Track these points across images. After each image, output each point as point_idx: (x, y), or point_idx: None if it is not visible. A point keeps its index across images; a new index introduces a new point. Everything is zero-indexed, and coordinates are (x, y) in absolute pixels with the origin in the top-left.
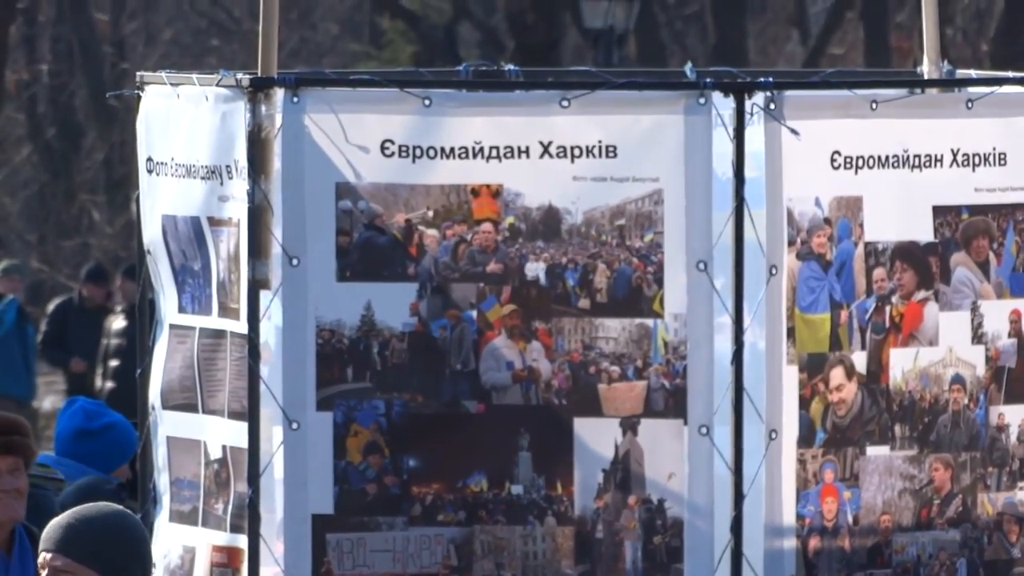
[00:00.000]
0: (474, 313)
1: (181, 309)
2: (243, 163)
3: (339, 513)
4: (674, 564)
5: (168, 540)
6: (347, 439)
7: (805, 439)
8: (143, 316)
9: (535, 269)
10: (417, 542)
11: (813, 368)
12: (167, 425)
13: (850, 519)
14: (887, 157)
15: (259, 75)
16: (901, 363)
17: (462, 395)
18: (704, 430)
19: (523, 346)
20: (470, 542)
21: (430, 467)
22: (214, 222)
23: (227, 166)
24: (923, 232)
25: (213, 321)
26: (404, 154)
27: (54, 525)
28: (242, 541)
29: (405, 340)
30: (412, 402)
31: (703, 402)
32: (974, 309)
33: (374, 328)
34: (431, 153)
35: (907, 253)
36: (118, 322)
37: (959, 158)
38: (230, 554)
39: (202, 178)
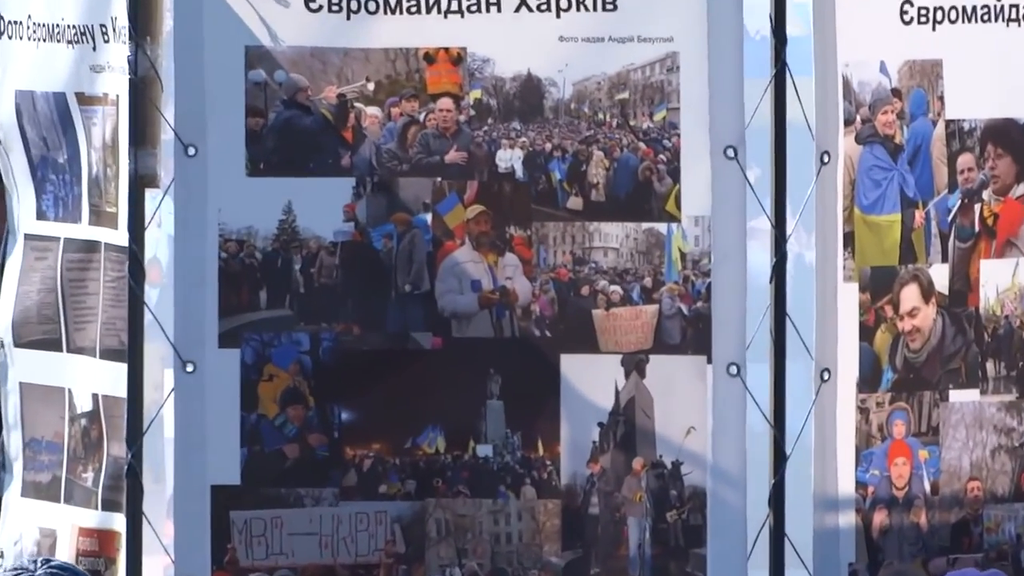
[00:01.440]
0: (428, 217)
1: (40, 215)
2: (123, 21)
3: (248, 484)
4: (693, 549)
5: (20, 520)
6: (259, 385)
7: (868, 381)
8: None
9: (509, 158)
10: (352, 522)
11: (878, 287)
12: (20, 367)
13: (927, 487)
14: (975, 8)
15: None
16: (995, 279)
17: (412, 325)
18: (734, 370)
19: (494, 260)
20: (422, 521)
21: (369, 422)
22: (84, 99)
23: (102, 25)
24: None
25: (83, 230)
26: (335, 7)
27: None
28: (118, 522)
29: (337, 253)
30: (346, 335)
31: (732, 333)
32: None
33: (296, 238)
34: (371, 6)
35: (1002, 134)
36: None
37: None
38: (101, 539)
39: (68, 42)
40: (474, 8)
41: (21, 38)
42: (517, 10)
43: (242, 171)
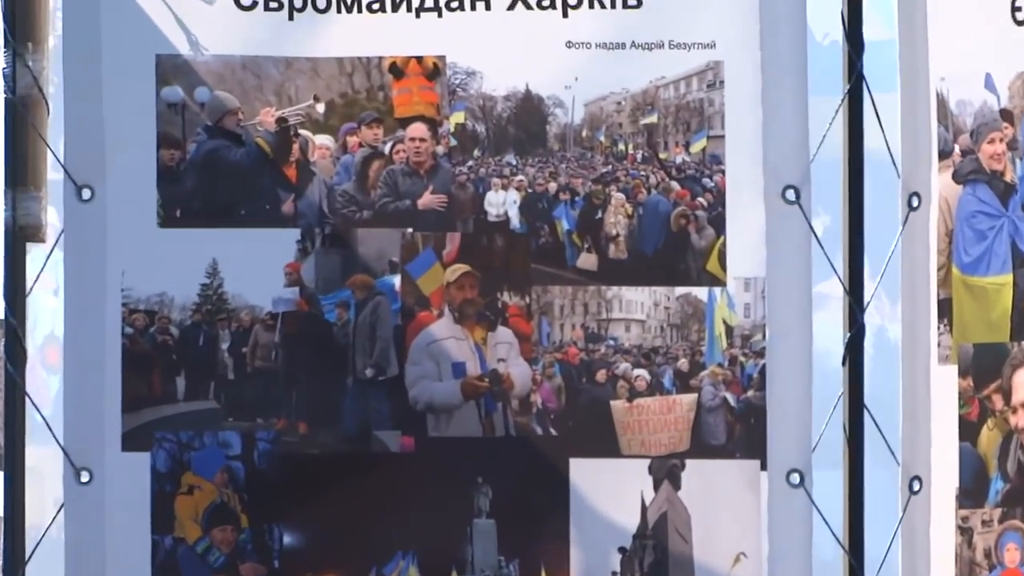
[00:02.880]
0: (396, 280)
1: None
2: None
3: None
4: None
5: None
6: (176, 500)
7: (971, 493)
8: None
9: (502, 202)
10: None
11: (983, 370)
12: None
13: None
14: None
15: None
16: None
17: (376, 422)
18: (796, 478)
19: (482, 336)
20: None
21: (320, 547)
22: None
23: None
24: None
25: None
26: (274, 5)
27: None
28: None
29: (277, 328)
30: (289, 435)
31: (794, 430)
32: None
33: (223, 308)
34: (320, 3)
35: None
36: None
37: None
38: None
39: None
40: (455, 5)
41: None
42: (511, 7)
43: (153, 220)
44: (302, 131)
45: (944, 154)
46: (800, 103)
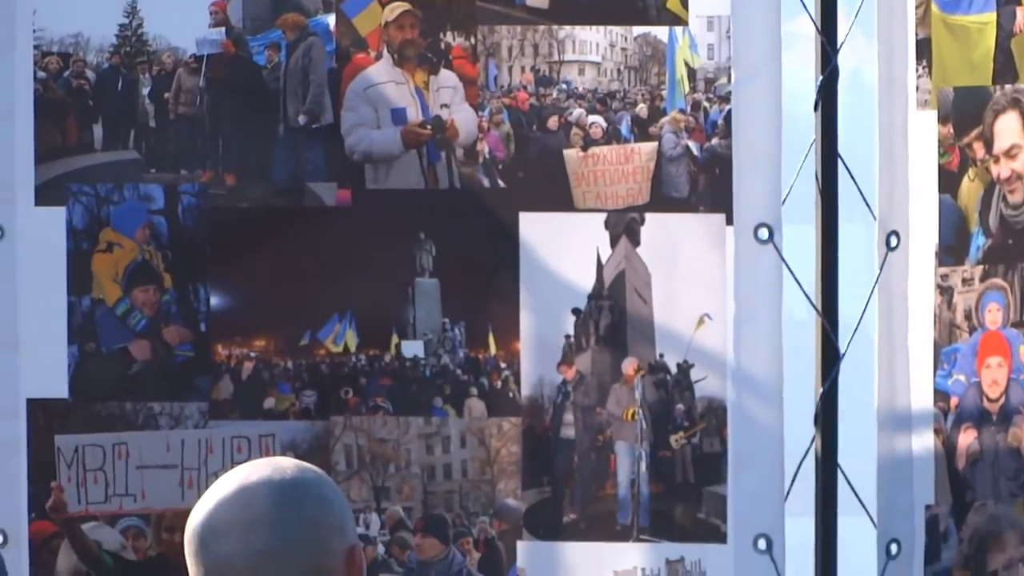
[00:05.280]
0: (331, 19)
1: None
2: None
3: (79, 398)
4: (708, 486)
5: None
6: (93, 258)
7: (951, 249)
8: None
9: None
10: (225, 449)
11: (964, 116)
12: None
13: None
14: None
15: None
16: None
17: (309, 173)
18: (764, 233)
19: (423, 80)
20: (325, 448)
21: (250, 309)
22: None
23: None
24: None
25: None
26: None
27: None
28: None
29: (202, 72)
30: (216, 188)
31: (762, 182)
32: None
33: (144, 49)
34: None
35: None
36: None
37: None
38: None
39: None
40: None
41: None
42: None
43: None
44: None
45: None
46: None
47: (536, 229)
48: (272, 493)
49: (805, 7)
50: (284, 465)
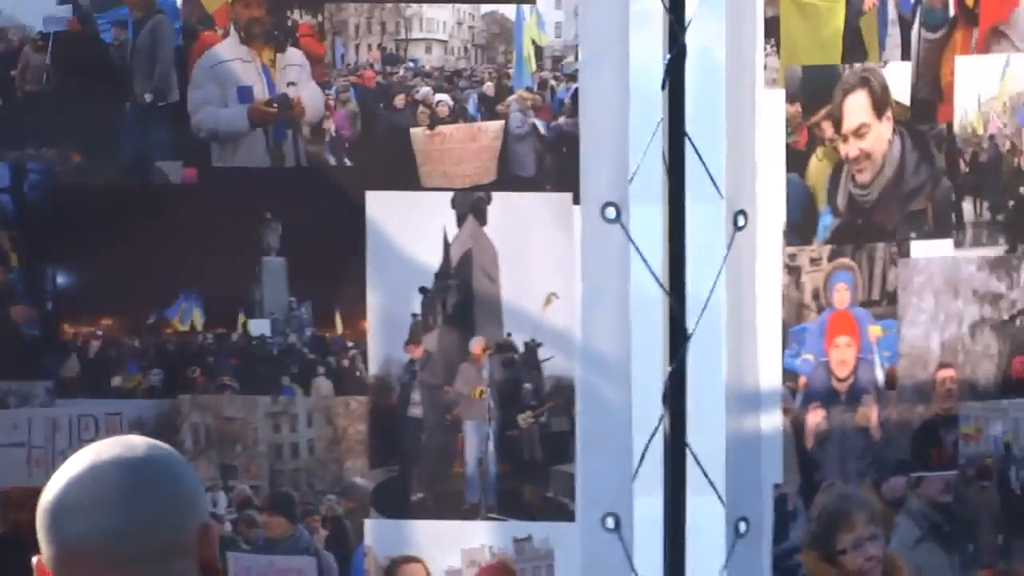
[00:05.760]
0: None
1: None
2: None
3: None
4: (556, 465)
5: None
6: None
7: (798, 229)
8: None
9: None
10: (73, 428)
11: (813, 95)
12: None
13: (880, 377)
14: None
15: None
16: (976, 84)
17: (156, 151)
18: (612, 212)
19: (270, 58)
20: (172, 426)
21: (96, 287)
22: None
23: None
24: None
25: None
26: None
27: None
28: None
29: (49, 50)
30: (62, 165)
31: (609, 160)
32: None
33: None
34: None
35: None
36: None
37: None
38: None
39: None
40: None
41: None
42: None
43: None
44: None
45: None
46: None
47: (383, 208)
48: (123, 471)
49: None
50: (135, 443)
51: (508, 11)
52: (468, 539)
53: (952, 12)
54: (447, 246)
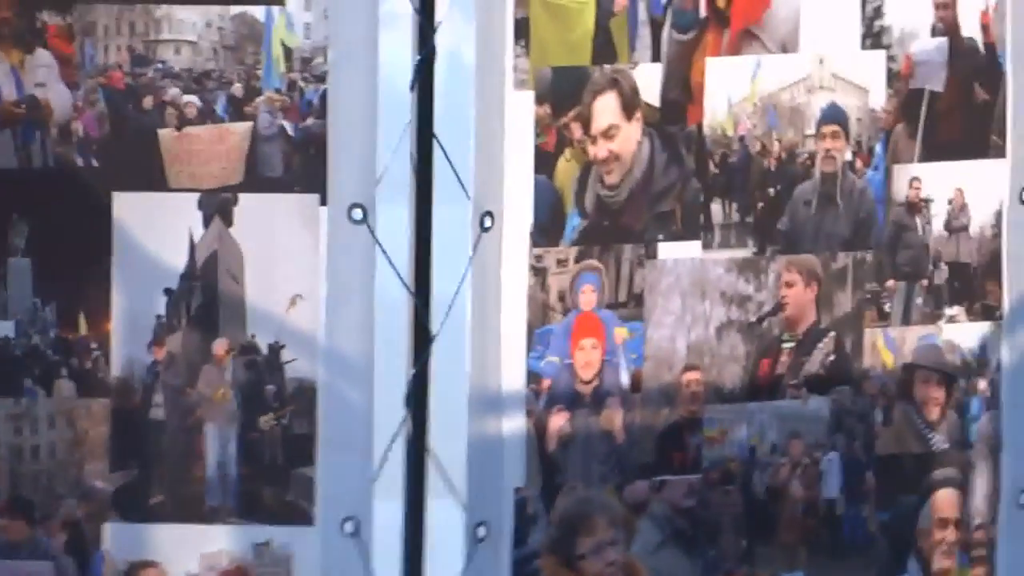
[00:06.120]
0: None
1: None
2: None
3: None
4: (298, 468)
5: None
6: None
7: (545, 230)
8: None
9: None
10: None
11: (562, 96)
12: None
13: (625, 379)
14: None
15: None
16: (726, 85)
17: None
18: (359, 214)
19: (18, 59)
20: None
21: None
22: None
23: None
24: None
25: None
26: None
27: None
28: None
29: None
30: None
31: (357, 161)
32: None
33: None
34: None
35: None
36: None
37: None
38: None
39: None
40: None
41: None
42: None
43: None
44: None
45: None
46: None
47: (129, 209)
48: None
49: None
50: None
51: (258, 12)
52: (207, 543)
53: (703, 14)
54: (193, 247)
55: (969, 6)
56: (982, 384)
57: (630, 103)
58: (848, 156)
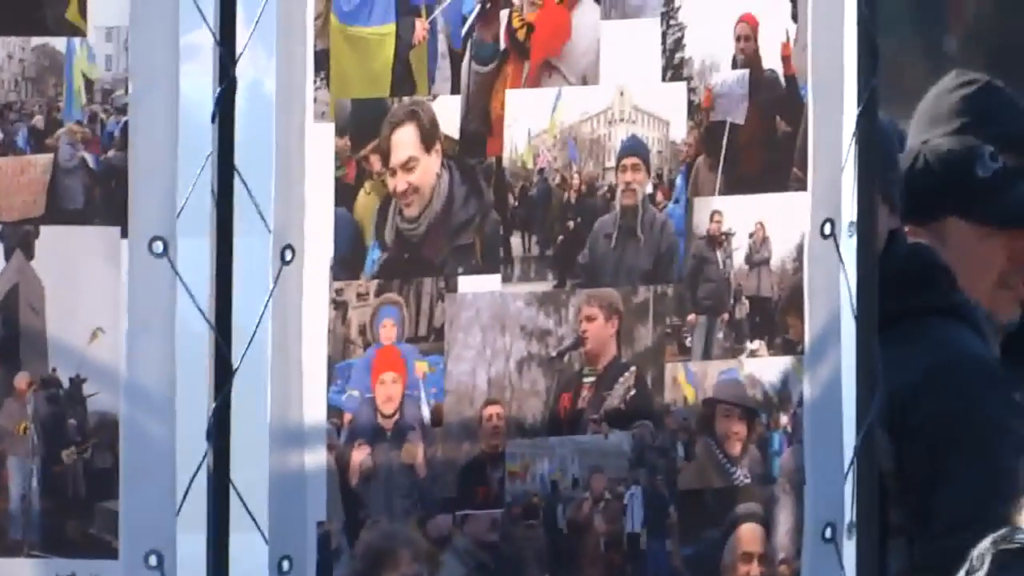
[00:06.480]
0: None
1: None
2: None
3: None
4: (100, 501)
5: None
6: None
7: (346, 263)
8: None
9: None
10: None
11: (362, 129)
12: None
13: (427, 414)
14: None
15: None
16: (526, 117)
17: None
18: (160, 246)
19: None
20: None
21: None
22: None
23: None
24: None
25: None
26: None
27: None
28: None
29: None
30: None
31: (158, 194)
32: (668, 15)
33: None
34: None
35: None
36: None
37: None
38: None
39: None
40: None
41: None
42: None
43: None
44: None
45: None
46: None
47: None
48: None
49: (204, 18)
50: None
51: (59, 44)
52: None
53: (503, 46)
54: None
55: (770, 38)
56: (784, 419)
57: (429, 135)
58: (649, 189)
